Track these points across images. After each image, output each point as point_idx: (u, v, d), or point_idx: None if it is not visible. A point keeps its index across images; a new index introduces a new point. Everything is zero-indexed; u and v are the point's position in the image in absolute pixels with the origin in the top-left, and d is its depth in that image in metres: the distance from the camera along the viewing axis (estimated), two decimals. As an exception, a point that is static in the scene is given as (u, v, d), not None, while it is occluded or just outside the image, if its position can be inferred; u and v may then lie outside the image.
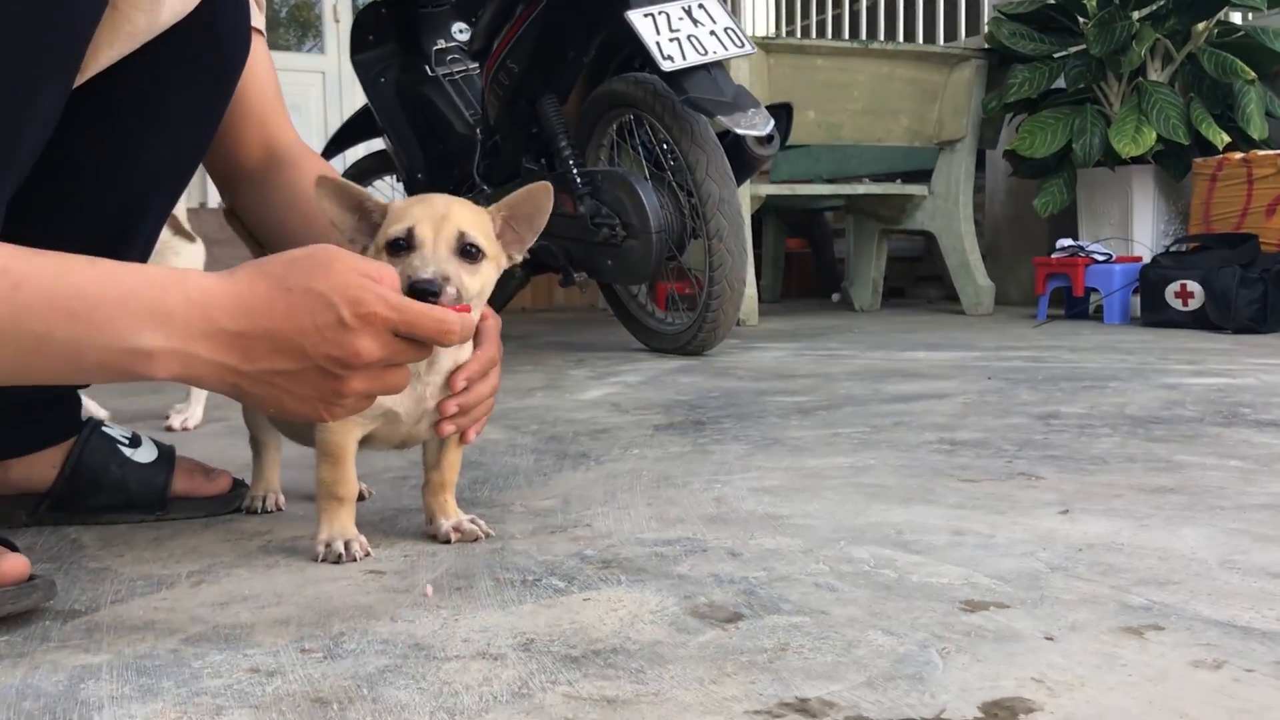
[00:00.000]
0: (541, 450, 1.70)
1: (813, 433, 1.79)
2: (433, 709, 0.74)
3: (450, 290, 1.02)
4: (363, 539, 1.12)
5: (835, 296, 5.73)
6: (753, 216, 4.19)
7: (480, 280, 1.07)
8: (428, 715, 0.73)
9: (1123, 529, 1.17)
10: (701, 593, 0.98)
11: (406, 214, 1.06)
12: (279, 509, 1.34)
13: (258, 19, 1.32)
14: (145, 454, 1.34)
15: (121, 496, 1.30)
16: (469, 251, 1.06)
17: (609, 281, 3.25)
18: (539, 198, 1.11)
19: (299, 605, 0.97)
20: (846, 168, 5.18)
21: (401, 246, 1.05)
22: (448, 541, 1.16)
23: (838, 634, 0.87)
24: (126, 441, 1.34)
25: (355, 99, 7.36)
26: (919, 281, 6.13)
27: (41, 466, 1.29)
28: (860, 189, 4.76)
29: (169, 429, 1.98)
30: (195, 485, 1.33)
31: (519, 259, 1.14)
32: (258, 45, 1.31)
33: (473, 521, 1.18)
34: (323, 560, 1.10)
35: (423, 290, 0.99)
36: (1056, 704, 0.73)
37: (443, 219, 1.05)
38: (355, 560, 1.10)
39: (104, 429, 1.34)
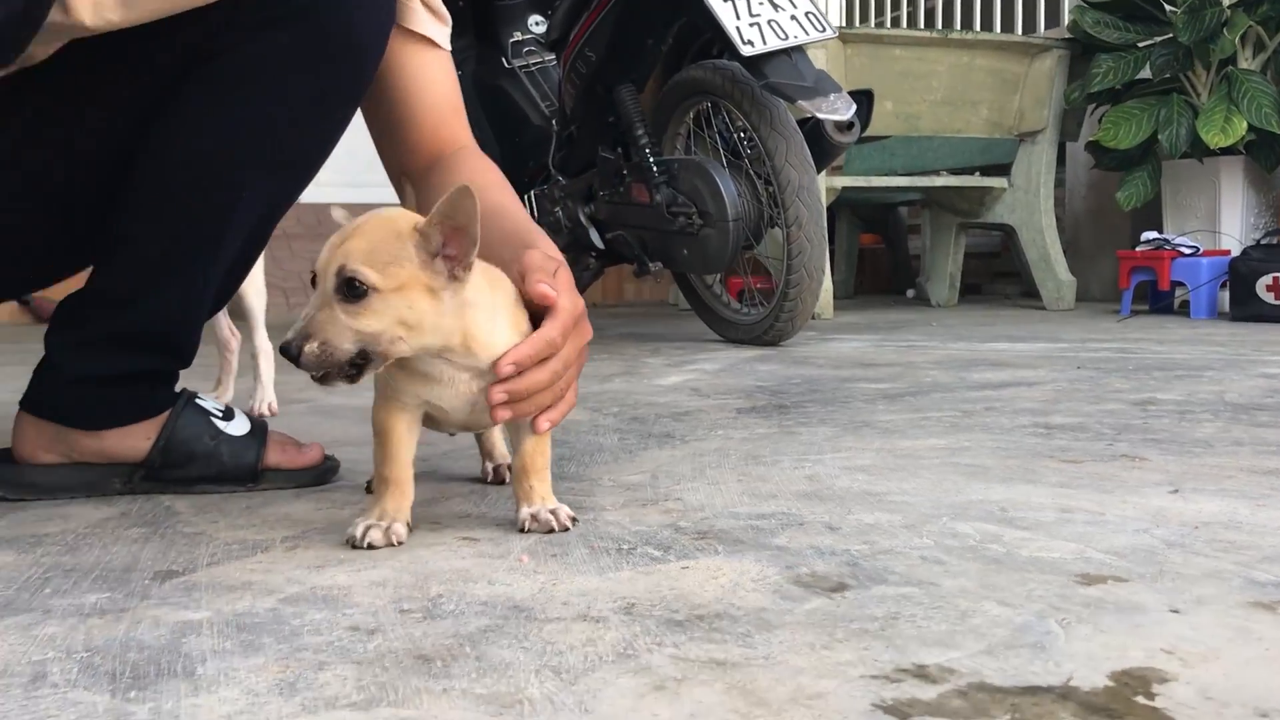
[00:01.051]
0: (625, 430, 1.68)
1: (901, 416, 1.75)
2: (538, 667, 0.73)
3: (311, 348, 0.95)
4: (397, 526, 1.04)
5: (910, 292, 5.65)
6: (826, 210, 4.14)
7: (373, 320, 0.96)
8: (533, 673, 0.72)
9: (1239, 508, 1.12)
10: (803, 563, 0.95)
11: (323, 249, 1.00)
12: None
13: (438, 33, 1.34)
14: (238, 427, 1.34)
15: (214, 468, 1.31)
16: (352, 289, 0.95)
17: (684, 271, 3.23)
18: (461, 202, 0.96)
19: (394, 569, 0.96)
20: (922, 161, 5.09)
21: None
22: (523, 530, 1.07)
23: (950, 604, 0.84)
24: (220, 414, 1.34)
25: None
26: (995, 277, 6.02)
27: (136, 438, 1.30)
28: (939, 181, 4.68)
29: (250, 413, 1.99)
30: (287, 457, 1.33)
31: (463, 276, 0.99)
32: (435, 58, 1.34)
33: (553, 512, 1.08)
34: (345, 542, 1.04)
35: (284, 354, 0.96)
36: (1191, 674, 0.69)
37: (334, 249, 0.97)
38: (373, 549, 1.02)
39: (198, 401, 1.34)
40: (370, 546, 1.02)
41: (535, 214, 3.61)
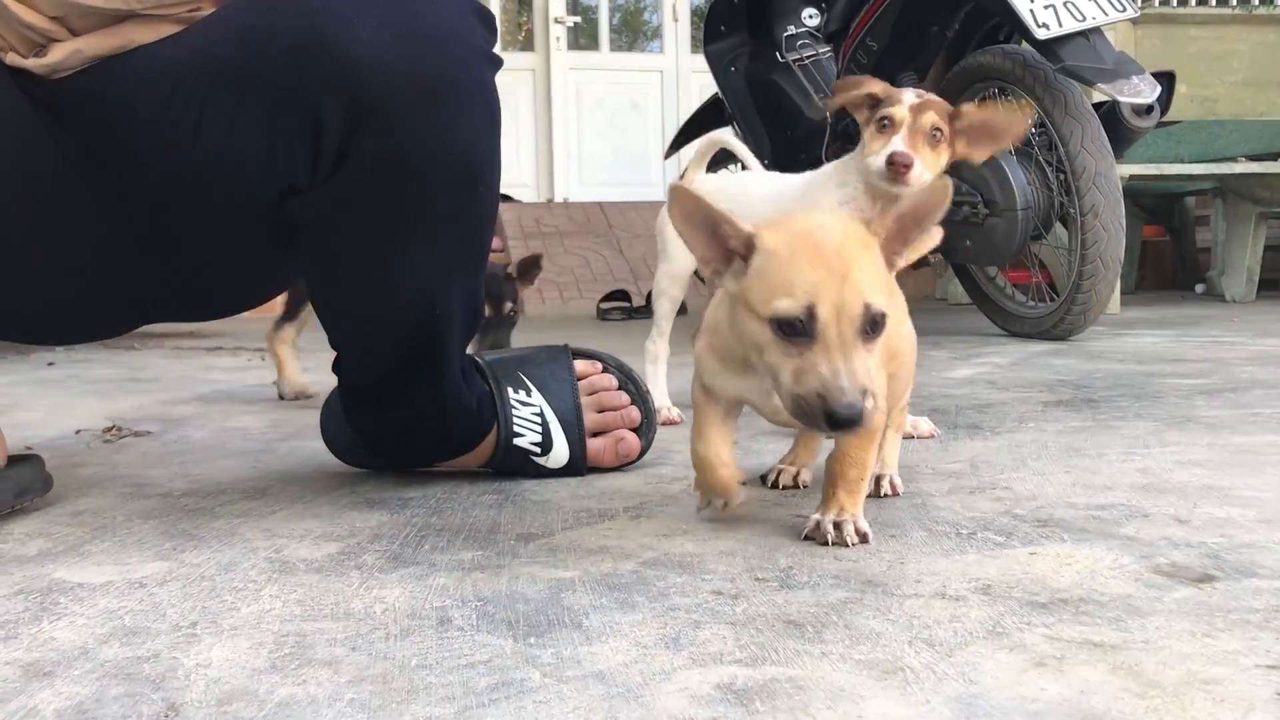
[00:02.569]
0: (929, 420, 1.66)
1: (1226, 412, 1.66)
2: (909, 638, 0.74)
3: (869, 406, 0.85)
4: (732, 502, 1.06)
5: (1199, 287, 5.29)
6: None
7: (877, 358, 0.90)
8: (906, 644, 0.73)
9: None
10: (1159, 554, 0.92)
11: (798, 278, 0.86)
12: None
13: None
14: (557, 458, 1.31)
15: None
16: (877, 328, 0.87)
17: (967, 263, 3.16)
18: (932, 198, 0.90)
19: (738, 540, 0.99)
20: (1213, 148, 4.76)
21: (798, 330, 0.86)
22: (802, 536, 0.99)
23: (1337, 601, 0.79)
24: (538, 449, 1.31)
25: (692, 95, 7.54)
26: (1296, 272, 5.56)
27: (468, 461, 1.33)
28: (1239, 168, 4.36)
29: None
30: (606, 460, 1.33)
31: (900, 265, 0.93)
32: None
33: (837, 525, 0.97)
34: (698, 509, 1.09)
35: (845, 421, 0.84)
36: None
37: (843, 284, 0.85)
38: (711, 521, 1.06)
39: (516, 443, 1.30)
40: (709, 519, 1.06)
41: (808, 207, 3.61)
